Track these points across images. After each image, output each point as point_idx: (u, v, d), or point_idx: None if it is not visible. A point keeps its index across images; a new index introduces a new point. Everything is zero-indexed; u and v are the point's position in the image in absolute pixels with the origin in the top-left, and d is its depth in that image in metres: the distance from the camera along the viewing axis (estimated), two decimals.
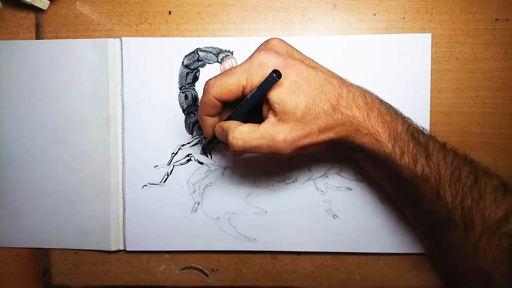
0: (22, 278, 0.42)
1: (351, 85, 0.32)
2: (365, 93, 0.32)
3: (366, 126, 0.31)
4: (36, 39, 0.40)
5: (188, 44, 0.39)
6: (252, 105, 0.31)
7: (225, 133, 0.31)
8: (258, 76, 0.30)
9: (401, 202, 0.36)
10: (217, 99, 0.31)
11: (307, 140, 0.30)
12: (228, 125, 0.31)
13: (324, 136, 0.31)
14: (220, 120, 0.33)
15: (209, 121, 0.33)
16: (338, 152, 0.38)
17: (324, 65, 0.38)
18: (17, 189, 0.40)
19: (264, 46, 0.31)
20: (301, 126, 0.30)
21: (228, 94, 0.31)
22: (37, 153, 0.40)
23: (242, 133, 0.30)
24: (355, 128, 0.31)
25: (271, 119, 0.30)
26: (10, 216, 0.41)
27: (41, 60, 0.39)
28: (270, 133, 0.30)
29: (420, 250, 0.39)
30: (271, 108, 0.30)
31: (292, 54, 0.32)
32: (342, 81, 0.32)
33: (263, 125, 0.30)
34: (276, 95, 0.30)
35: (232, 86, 0.30)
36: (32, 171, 0.40)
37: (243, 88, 0.30)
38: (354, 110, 0.31)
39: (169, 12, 0.39)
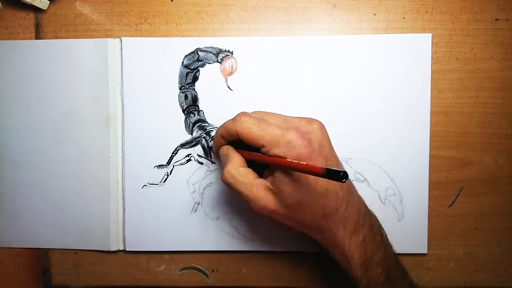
0: (22, 278, 0.42)
1: (353, 201, 0.31)
2: (360, 213, 0.31)
3: (343, 249, 0.30)
4: (35, 39, 0.40)
5: (188, 44, 0.39)
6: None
7: (225, 160, 0.32)
8: (279, 151, 0.29)
9: None
10: (238, 135, 0.31)
11: (282, 220, 0.31)
12: (232, 156, 0.32)
13: (299, 228, 0.31)
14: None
15: (222, 142, 0.34)
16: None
17: (324, 66, 0.38)
18: (16, 189, 0.40)
19: (305, 127, 0.31)
20: (286, 210, 0.30)
21: (248, 141, 0.31)
22: (36, 153, 0.40)
23: (237, 174, 0.31)
24: (332, 244, 0.31)
25: (267, 184, 0.31)
26: (9, 216, 0.41)
27: (41, 60, 0.39)
28: (258, 193, 0.30)
29: (419, 250, 0.39)
30: (274, 175, 0.30)
31: (322, 149, 0.31)
32: (348, 194, 0.31)
33: (258, 182, 0.31)
34: (285, 176, 0.30)
35: (257, 139, 0.30)
36: (32, 171, 0.40)
37: (262, 146, 0.30)
38: (340, 230, 0.30)
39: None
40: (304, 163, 0.28)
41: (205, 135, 0.39)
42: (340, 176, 0.25)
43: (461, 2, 0.38)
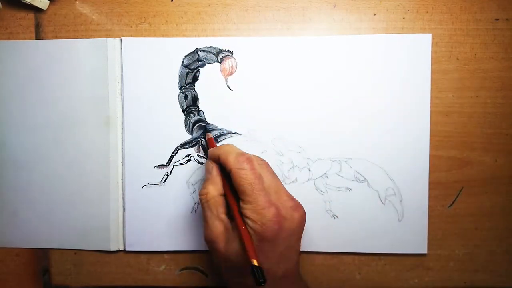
0: (22, 278, 0.42)
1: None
2: None
3: None
4: (35, 39, 0.40)
5: (188, 44, 0.39)
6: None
7: (208, 177, 0.34)
8: (252, 215, 0.30)
9: None
10: (231, 172, 0.32)
11: (217, 258, 0.33)
12: (215, 180, 0.33)
13: (224, 275, 0.33)
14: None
15: (212, 158, 0.35)
16: None
17: (324, 66, 0.38)
18: (16, 189, 0.40)
19: (287, 211, 0.31)
20: (224, 258, 0.31)
21: (235, 184, 0.31)
22: (36, 153, 0.40)
23: (212, 200, 0.32)
24: None
25: (228, 226, 0.32)
26: (9, 216, 0.41)
27: (41, 60, 0.39)
28: (217, 228, 0.32)
29: (419, 250, 0.39)
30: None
31: (288, 239, 0.31)
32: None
33: (222, 218, 0.32)
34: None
35: (243, 191, 0.31)
36: (32, 171, 0.40)
37: (242, 200, 0.31)
38: None
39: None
40: (250, 249, 0.29)
41: (205, 135, 0.39)
42: (258, 280, 0.27)
43: (461, 2, 0.38)
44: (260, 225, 0.30)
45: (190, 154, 0.39)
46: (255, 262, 0.28)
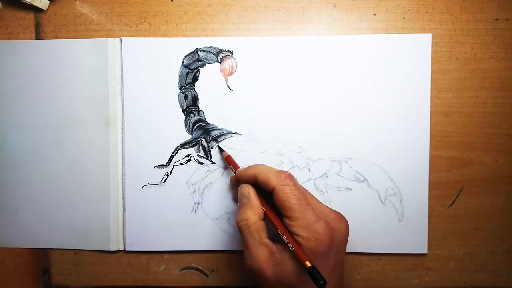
0: (22, 278, 0.42)
1: None
2: None
3: None
4: (36, 39, 0.40)
5: (188, 44, 0.39)
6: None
7: (245, 202, 0.33)
8: (303, 233, 0.30)
9: None
10: (274, 191, 0.31)
11: (264, 285, 0.31)
12: (254, 203, 0.32)
13: None
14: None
15: (245, 178, 0.34)
16: None
17: (324, 66, 0.38)
18: (16, 189, 0.40)
19: (334, 223, 0.31)
20: (275, 283, 0.30)
21: (279, 204, 0.31)
22: (36, 153, 0.40)
23: (253, 226, 0.31)
24: None
25: (273, 249, 0.31)
26: (9, 216, 0.41)
27: (41, 60, 0.39)
28: (261, 254, 0.31)
29: (420, 250, 0.39)
30: (283, 249, 0.30)
31: (339, 249, 0.31)
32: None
33: (266, 243, 0.31)
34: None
35: (289, 210, 0.30)
36: (32, 171, 0.40)
37: (289, 218, 0.30)
38: None
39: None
40: (302, 254, 0.29)
41: (205, 135, 0.39)
42: (318, 281, 0.27)
43: (461, 2, 0.38)
44: (314, 240, 0.29)
45: (190, 154, 0.39)
46: (308, 264, 0.28)
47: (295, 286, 0.30)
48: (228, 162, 0.37)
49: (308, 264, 0.28)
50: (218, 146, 0.39)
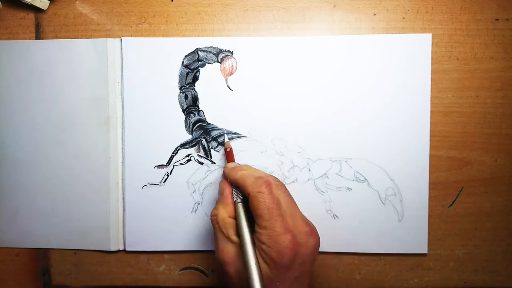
0: (22, 278, 0.42)
1: None
2: None
3: None
4: (36, 39, 0.40)
5: (188, 44, 0.39)
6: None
7: (220, 198, 0.34)
8: (267, 240, 0.30)
9: None
10: (248, 194, 0.32)
11: (228, 278, 0.32)
12: (227, 202, 0.33)
13: None
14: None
15: (229, 177, 0.35)
16: None
17: (324, 66, 0.38)
18: (16, 189, 0.40)
19: (302, 237, 0.31)
20: (234, 277, 0.31)
21: (252, 208, 0.31)
22: (36, 153, 0.40)
23: (223, 223, 0.32)
24: None
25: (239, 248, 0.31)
26: (9, 216, 0.41)
27: (41, 60, 0.39)
28: (228, 250, 0.31)
29: (419, 250, 0.39)
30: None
31: (302, 265, 0.31)
32: None
33: (234, 240, 0.32)
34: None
35: (259, 215, 0.31)
36: (32, 171, 0.40)
37: (257, 224, 0.31)
38: None
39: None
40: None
41: (205, 135, 0.39)
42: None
43: (461, 2, 0.38)
44: (276, 252, 0.30)
45: (190, 154, 0.39)
46: None
47: None
48: (227, 155, 0.37)
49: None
50: (225, 134, 0.39)
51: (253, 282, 0.29)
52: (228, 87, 0.39)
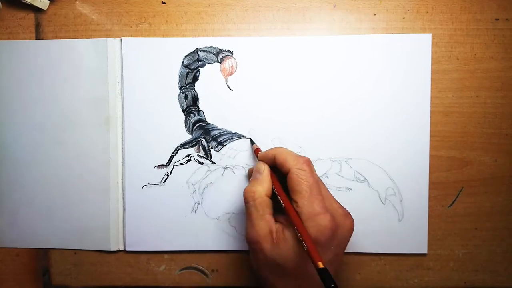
0: (22, 278, 0.42)
1: None
2: None
3: None
4: (36, 39, 0.40)
5: (188, 44, 0.39)
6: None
7: (257, 177, 0.33)
8: (306, 221, 0.29)
9: None
10: (289, 173, 0.31)
11: (259, 262, 0.31)
12: (265, 180, 0.32)
13: (262, 280, 0.32)
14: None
15: (266, 159, 0.34)
16: None
17: (324, 66, 0.38)
18: (16, 189, 0.40)
19: (339, 218, 0.31)
20: (269, 260, 0.30)
21: (291, 188, 0.31)
22: (36, 153, 0.40)
23: (259, 200, 0.32)
24: None
25: (273, 228, 0.31)
26: (9, 216, 0.41)
27: (41, 60, 0.39)
28: (261, 229, 0.31)
29: (419, 250, 0.39)
30: (284, 229, 0.30)
31: (339, 246, 0.31)
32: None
33: (268, 220, 0.31)
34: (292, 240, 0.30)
35: (298, 194, 0.30)
36: (32, 171, 0.40)
37: (297, 204, 0.30)
38: None
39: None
40: (315, 252, 0.28)
41: (205, 135, 0.39)
42: (328, 283, 0.26)
43: (461, 2, 0.38)
44: (315, 232, 0.29)
45: (190, 154, 0.39)
46: (321, 265, 0.27)
47: (289, 269, 0.30)
48: (256, 152, 0.37)
49: (321, 265, 0.27)
50: (250, 139, 0.39)
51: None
52: (228, 87, 0.39)
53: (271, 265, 0.31)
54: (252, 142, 0.39)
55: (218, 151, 0.39)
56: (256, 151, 0.37)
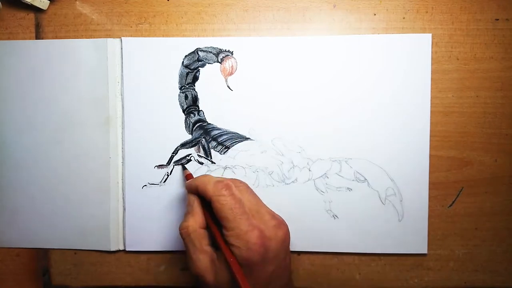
0: (22, 278, 0.42)
1: None
2: None
3: None
4: (36, 39, 0.40)
5: (188, 44, 0.39)
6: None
7: (188, 211, 0.33)
8: (236, 242, 0.30)
9: None
10: (211, 201, 0.32)
11: None
12: (196, 212, 0.33)
13: None
14: None
15: (192, 188, 0.34)
16: None
17: (325, 66, 0.38)
18: (16, 189, 0.40)
19: (270, 231, 0.31)
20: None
21: (216, 213, 0.31)
22: (36, 153, 0.40)
23: (194, 234, 0.32)
24: None
25: (213, 256, 0.31)
26: (9, 216, 0.41)
27: (41, 60, 0.39)
28: (202, 262, 0.31)
29: (419, 250, 0.39)
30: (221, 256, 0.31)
31: (275, 258, 0.31)
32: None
33: (207, 250, 0.32)
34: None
35: (224, 219, 0.31)
36: (32, 171, 0.40)
37: (224, 228, 0.31)
38: None
39: None
40: (240, 279, 0.29)
41: (205, 135, 0.39)
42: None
43: (461, 2, 0.38)
44: (245, 250, 0.29)
45: (190, 154, 0.39)
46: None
47: None
48: (187, 178, 0.37)
49: (231, 258, 0.29)
50: (182, 164, 0.39)
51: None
52: (228, 87, 0.39)
53: None
54: (183, 168, 0.39)
55: (218, 151, 0.39)
56: (187, 177, 0.37)
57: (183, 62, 0.39)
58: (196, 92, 0.39)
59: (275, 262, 0.31)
